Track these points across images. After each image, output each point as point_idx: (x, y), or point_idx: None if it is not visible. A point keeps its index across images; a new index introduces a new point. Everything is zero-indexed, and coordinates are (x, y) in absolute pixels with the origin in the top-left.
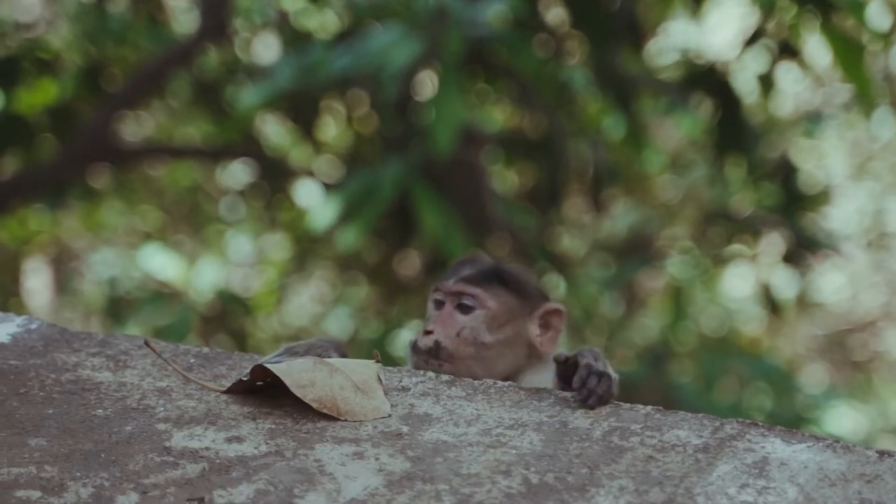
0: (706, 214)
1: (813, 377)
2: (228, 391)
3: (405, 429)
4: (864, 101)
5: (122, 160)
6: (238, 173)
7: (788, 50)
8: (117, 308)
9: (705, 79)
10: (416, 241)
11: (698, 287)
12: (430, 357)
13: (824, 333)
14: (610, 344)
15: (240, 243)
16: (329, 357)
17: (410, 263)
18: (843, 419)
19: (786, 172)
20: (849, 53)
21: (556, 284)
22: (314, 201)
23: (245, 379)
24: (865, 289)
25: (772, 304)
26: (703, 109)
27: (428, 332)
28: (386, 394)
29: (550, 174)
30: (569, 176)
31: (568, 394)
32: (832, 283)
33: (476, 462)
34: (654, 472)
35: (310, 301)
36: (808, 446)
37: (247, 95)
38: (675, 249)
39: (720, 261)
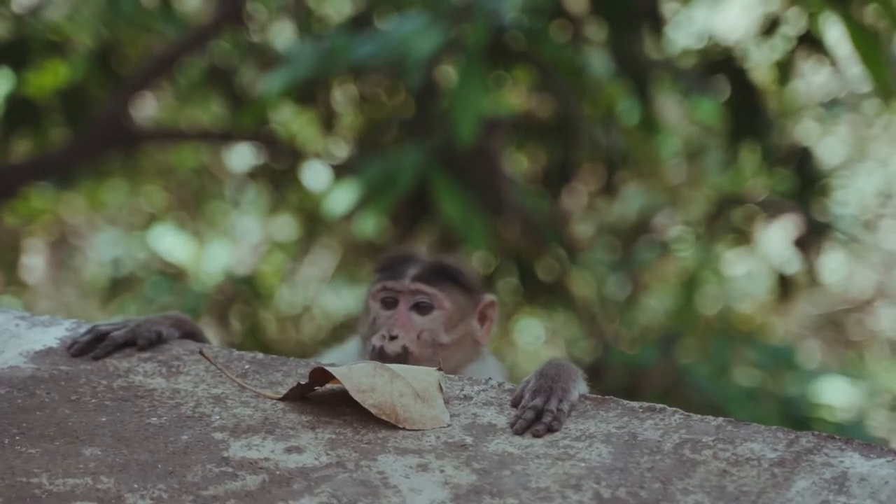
0: (717, 199)
1: (807, 355)
2: (285, 398)
3: (469, 440)
4: (881, 88)
5: (134, 143)
6: (247, 155)
7: (807, 37)
8: (119, 288)
9: (722, 65)
10: (427, 225)
11: (706, 270)
12: (400, 363)
13: (819, 312)
14: (617, 327)
15: (248, 225)
16: (166, 332)
17: (420, 246)
18: (837, 394)
19: (800, 158)
20: (866, 41)
21: (567, 267)
22: (326, 185)
23: (303, 383)
24: (861, 268)
25: (782, 287)
26: (720, 95)
27: (394, 338)
28: (447, 402)
29: (563, 157)
30: (582, 159)
31: (636, 404)
32: (829, 262)
33: (545, 475)
34: (730, 488)
35: (316, 282)
36: (888, 461)
37: (268, 82)
38: (685, 233)
39: (728, 244)
